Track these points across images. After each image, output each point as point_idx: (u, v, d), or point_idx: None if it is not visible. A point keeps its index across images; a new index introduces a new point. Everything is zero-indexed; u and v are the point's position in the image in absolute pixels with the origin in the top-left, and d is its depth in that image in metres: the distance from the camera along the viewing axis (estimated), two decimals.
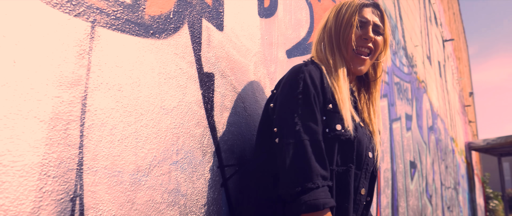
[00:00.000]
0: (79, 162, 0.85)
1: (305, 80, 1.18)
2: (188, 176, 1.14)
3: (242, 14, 1.49)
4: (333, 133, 1.18)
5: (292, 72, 1.23)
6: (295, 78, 1.19)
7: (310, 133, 1.13)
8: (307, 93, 1.17)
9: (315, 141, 1.13)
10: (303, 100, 1.16)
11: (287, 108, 1.17)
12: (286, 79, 1.23)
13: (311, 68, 1.22)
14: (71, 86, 0.85)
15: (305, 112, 1.15)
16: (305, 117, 1.14)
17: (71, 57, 0.85)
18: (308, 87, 1.17)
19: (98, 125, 0.90)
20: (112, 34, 0.95)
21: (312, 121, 1.15)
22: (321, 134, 1.15)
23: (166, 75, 1.10)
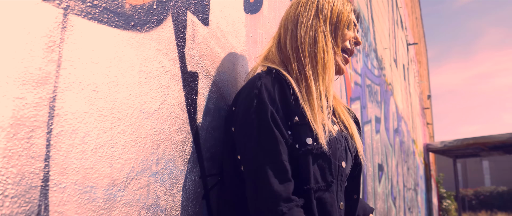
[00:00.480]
0: (44, 177, 0.70)
1: (260, 96, 1.06)
2: (168, 188, 1.01)
3: (228, 8, 1.37)
4: (304, 148, 1.07)
5: (247, 87, 1.12)
6: (249, 96, 1.08)
7: (269, 156, 1.03)
8: (263, 111, 1.05)
9: (276, 162, 1.02)
10: (258, 120, 1.05)
11: (244, 132, 1.07)
12: (241, 98, 1.12)
13: (266, 80, 1.09)
14: (37, 85, 0.70)
15: (261, 133, 1.04)
16: (262, 139, 1.04)
17: (38, 50, 0.70)
18: (263, 103, 1.06)
19: (69, 132, 0.75)
20: (87, 24, 0.81)
21: (271, 142, 1.04)
22: (283, 153, 1.04)
23: (147, 73, 0.96)
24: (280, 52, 1.22)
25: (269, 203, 0.98)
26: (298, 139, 1.08)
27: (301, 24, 1.20)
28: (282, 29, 1.25)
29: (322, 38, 1.18)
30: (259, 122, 1.04)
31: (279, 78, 1.12)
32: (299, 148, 1.07)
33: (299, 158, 1.07)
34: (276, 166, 1.02)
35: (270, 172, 1.00)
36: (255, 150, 1.03)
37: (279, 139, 1.04)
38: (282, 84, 1.11)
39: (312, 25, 1.20)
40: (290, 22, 1.23)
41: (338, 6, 1.24)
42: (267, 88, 1.08)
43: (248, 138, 1.05)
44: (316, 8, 1.22)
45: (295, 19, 1.23)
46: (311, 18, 1.21)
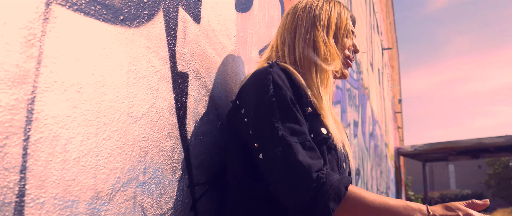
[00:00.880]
0: (19, 192, 0.60)
1: (275, 82, 1.01)
2: (156, 200, 0.92)
3: (220, 5, 1.28)
4: (320, 137, 1.04)
5: (257, 77, 1.06)
6: (263, 82, 1.02)
7: (297, 134, 0.97)
8: (281, 94, 1.00)
9: (305, 141, 0.97)
10: (278, 102, 0.99)
11: (262, 116, 0.99)
12: (251, 86, 1.06)
13: (277, 70, 1.04)
14: (14, 85, 0.60)
15: (284, 114, 0.98)
16: (286, 119, 0.98)
17: (15, 43, 0.61)
18: (280, 88, 1.00)
19: (49, 139, 0.65)
20: (72, 15, 0.71)
21: (295, 122, 0.99)
22: (308, 134, 1.00)
23: (136, 73, 0.87)
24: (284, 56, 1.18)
25: (303, 178, 0.92)
26: (312, 129, 1.04)
27: (299, 37, 1.17)
28: (279, 41, 1.21)
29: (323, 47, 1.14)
30: (280, 104, 0.99)
31: (287, 71, 1.06)
32: (315, 137, 1.03)
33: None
34: (305, 144, 0.97)
35: (300, 150, 0.95)
36: (281, 131, 0.96)
37: (301, 121, 1.00)
38: (290, 76, 1.06)
39: (310, 38, 1.15)
40: (287, 34, 1.20)
41: (336, 15, 1.20)
42: (279, 76, 1.04)
43: (268, 121, 0.98)
44: (313, 18, 1.18)
45: (292, 31, 1.20)
46: (309, 30, 1.17)
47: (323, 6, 1.21)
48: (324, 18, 1.19)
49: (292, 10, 1.25)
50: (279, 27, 1.25)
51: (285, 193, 0.93)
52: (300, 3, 1.25)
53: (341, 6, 1.25)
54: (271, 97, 0.99)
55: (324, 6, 1.21)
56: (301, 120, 1.00)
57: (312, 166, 0.93)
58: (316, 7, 1.21)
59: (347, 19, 1.24)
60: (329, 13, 1.20)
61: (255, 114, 1.01)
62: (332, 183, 0.91)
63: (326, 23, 1.19)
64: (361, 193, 0.94)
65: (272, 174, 0.95)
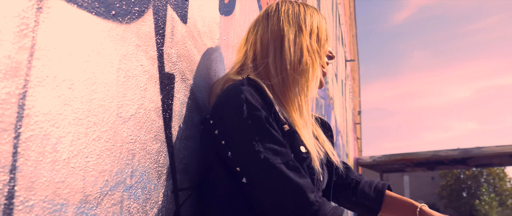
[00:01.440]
0: (8, 193, 0.55)
1: (249, 101, 0.98)
2: (142, 205, 0.88)
3: (205, 6, 1.26)
4: (300, 156, 1.02)
5: (229, 95, 1.02)
6: (236, 103, 0.98)
7: (280, 155, 0.95)
8: (256, 115, 0.97)
9: (288, 161, 0.95)
10: (254, 123, 0.96)
11: (240, 140, 0.97)
12: (224, 106, 1.02)
13: (248, 88, 1.01)
14: (5, 78, 0.56)
15: (262, 135, 0.96)
16: (266, 140, 0.96)
17: (8, 32, 0.56)
18: (254, 108, 0.98)
19: (39, 138, 0.61)
20: (65, 6, 0.67)
21: (275, 143, 0.96)
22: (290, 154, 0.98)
23: (126, 72, 0.83)
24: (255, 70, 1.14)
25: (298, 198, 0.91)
26: (292, 148, 1.02)
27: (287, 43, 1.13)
28: (258, 46, 1.16)
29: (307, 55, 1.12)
30: (256, 125, 0.96)
31: (260, 88, 1.03)
32: (295, 156, 1.01)
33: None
34: (289, 164, 0.95)
35: (286, 170, 0.93)
36: (263, 153, 0.94)
37: (281, 139, 0.98)
38: (263, 93, 1.03)
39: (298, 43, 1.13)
40: (272, 39, 1.15)
41: (316, 20, 1.20)
42: (252, 94, 1.00)
43: (249, 145, 0.95)
44: (298, 23, 1.16)
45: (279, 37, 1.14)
46: (296, 36, 1.14)
47: (305, 11, 1.20)
48: (309, 24, 1.17)
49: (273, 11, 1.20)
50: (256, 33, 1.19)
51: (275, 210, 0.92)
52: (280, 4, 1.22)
53: (318, 12, 1.24)
54: (246, 119, 0.96)
55: (306, 10, 1.20)
56: (280, 140, 0.98)
57: (305, 186, 0.92)
58: (299, 11, 1.19)
59: (326, 24, 1.24)
60: (312, 19, 1.19)
61: (233, 138, 0.98)
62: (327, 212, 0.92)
63: (311, 28, 1.17)
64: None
65: (264, 197, 0.94)
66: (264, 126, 0.97)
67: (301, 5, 1.21)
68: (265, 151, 0.94)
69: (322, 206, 0.92)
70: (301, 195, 0.91)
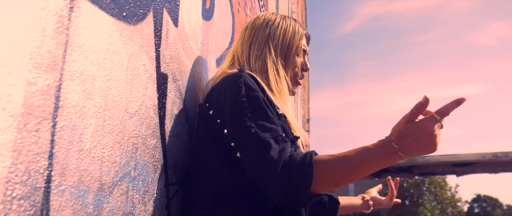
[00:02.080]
0: (47, 178, 0.60)
1: (247, 83, 1.07)
2: (141, 196, 0.93)
3: (192, 11, 1.32)
4: (291, 136, 1.11)
5: (228, 79, 1.12)
6: (235, 84, 1.08)
7: (269, 130, 1.02)
8: (253, 95, 1.06)
9: (277, 136, 1.02)
10: (249, 102, 1.05)
11: (236, 116, 1.05)
12: (223, 88, 1.11)
13: (247, 74, 1.11)
14: (47, 71, 0.60)
15: (256, 112, 1.04)
16: (258, 117, 1.03)
17: (49, 29, 0.61)
18: (252, 89, 1.07)
19: (69, 128, 0.66)
20: (90, 7, 0.72)
21: (267, 120, 1.04)
22: (280, 130, 1.04)
23: (132, 71, 0.89)
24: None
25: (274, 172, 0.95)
26: (284, 129, 1.10)
27: (253, 53, 1.25)
28: (238, 52, 1.29)
29: (272, 66, 1.21)
30: (251, 103, 1.04)
31: (255, 78, 1.13)
32: (286, 136, 1.08)
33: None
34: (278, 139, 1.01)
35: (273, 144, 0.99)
36: (254, 128, 1.01)
37: (273, 119, 1.05)
38: (258, 83, 1.12)
39: (261, 55, 1.24)
40: (245, 48, 1.28)
41: (290, 33, 1.29)
42: (250, 79, 1.10)
43: (242, 121, 1.02)
44: (267, 36, 1.26)
45: (248, 46, 1.27)
46: (262, 47, 1.25)
47: (279, 24, 1.29)
48: (278, 37, 1.27)
49: (250, 24, 1.32)
50: (239, 39, 1.31)
51: (266, 187, 0.98)
52: (258, 18, 1.32)
53: (297, 24, 1.34)
54: (242, 97, 1.05)
55: (280, 24, 1.30)
56: (272, 118, 1.05)
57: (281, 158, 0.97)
58: (272, 24, 1.28)
59: (301, 37, 1.32)
60: (284, 32, 1.28)
61: (229, 115, 1.06)
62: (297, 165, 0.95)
63: (279, 43, 1.27)
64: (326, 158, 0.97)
65: (250, 171, 1.01)
66: (259, 104, 1.04)
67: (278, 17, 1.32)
68: (256, 126, 1.01)
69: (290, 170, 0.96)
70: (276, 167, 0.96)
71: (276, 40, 1.27)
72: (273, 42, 1.26)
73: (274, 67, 1.23)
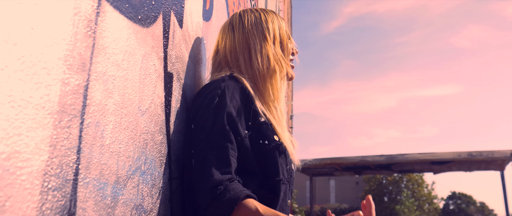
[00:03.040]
0: (75, 171, 0.65)
1: (222, 96, 1.13)
2: (150, 189, 0.98)
3: (194, 13, 1.37)
4: (273, 143, 1.17)
5: (209, 87, 1.17)
6: (211, 94, 1.13)
7: (216, 149, 1.08)
8: (221, 110, 1.11)
9: (221, 156, 1.07)
10: (215, 115, 1.10)
11: (200, 126, 1.12)
12: (203, 95, 1.17)
13: (230, 83, 1.16)
14: (78, 71, 0.65)
15: (215, 127, 1.09)
16: (214, 134, 1.09)
17: (81, 33, 0.66)
18: (223, 103, 1.12)
19: (93, 124, 0.70)
20: (113, 12, 0.77)
21: (221, 137, 1.09)
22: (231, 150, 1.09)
23: (145, 70, 0.94)
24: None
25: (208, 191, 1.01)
26: (266, 136, 1.16)
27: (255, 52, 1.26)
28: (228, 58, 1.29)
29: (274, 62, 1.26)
30: (215, 118, 1.09)
31: (242, 84, 1.18)
32: (268, 143, 1.15)
33: (268, 154, 1.16)
34: (221, 159, 1.06)
35: (214, 162, 1.05)
36: (205, 142, 1.07)
37: (230, 137, 1.09)
38: (244, 89, 1.17)
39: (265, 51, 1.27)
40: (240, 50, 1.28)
41: (278, 26, 1.33)
42: (229, 89, 1.14)
43: (202, 132, 1.09)
44: (262, 32, 1.29)
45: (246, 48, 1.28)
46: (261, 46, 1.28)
47: (267, 19, 1.33)
48: (272, 31, 1.31)
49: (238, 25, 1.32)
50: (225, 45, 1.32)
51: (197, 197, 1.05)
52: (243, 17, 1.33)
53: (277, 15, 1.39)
54: (211, 110, 1.11)
55: (268, 18, 1.34)
56: (229, 138, 1.09)
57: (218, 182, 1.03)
58: (261, 20, 1.32)
59: (286, 26, 1.38)
60: (273, 24, 1.33)
61: (197, 124, 1.13)
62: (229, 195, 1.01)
63: (274, 35, 1.31)
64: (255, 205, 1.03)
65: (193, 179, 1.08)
66: (222, 121, 1.09)
67: (261, 12, 1.35)
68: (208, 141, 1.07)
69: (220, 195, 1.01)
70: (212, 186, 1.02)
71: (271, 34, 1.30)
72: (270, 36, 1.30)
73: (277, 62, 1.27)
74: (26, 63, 0.53)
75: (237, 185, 1.04)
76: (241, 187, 1.04)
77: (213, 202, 1.00)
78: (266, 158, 1.16)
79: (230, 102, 1.12)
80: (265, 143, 1.16)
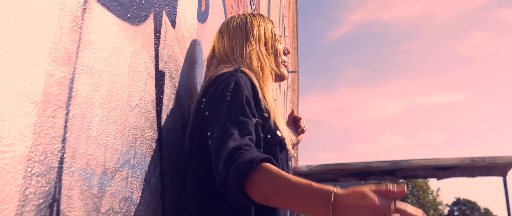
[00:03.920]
0: (60, 159, 0.68)
1: (237, 81, 1.15)
2: (140, 183, 1.01)
3: (188, 14, 1.40)
4: (276, 138, 1.19)
5: (222, 76, 1.20)
6: (226, 81, 1.16)
7: (238, 124, 1.06)
8: (238, 91, 1.13)
9: (244, 130, 1.06)
10: (232, 97, 1.12)
11: (216, 108, 1.12)
12: (216, 84, 1.19)
13: (241, 75, 1.20)
14: (63, 64, 0.68)
15: (233, 106, 1.10)
16: (233, 111, 1.09)
17: (66, 28, 0.69)
18: (239, 86, 1.14)
19: (80, 116, 0.73)
20: (100, 9, 0.80)
21: (241, 114, 1.09)
22: (251, 126, 1.09)
23: (134, 67, 0.97)
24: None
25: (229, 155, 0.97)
26: (269, 131, 1.18)
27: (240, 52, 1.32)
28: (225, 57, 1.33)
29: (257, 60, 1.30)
30: (232, 99, 1.11)
31: (249, 78, 1.21)
32: (271, 138, 1.16)
33: (271, 148, 1.18)
34: (242, 131, 1.04)
35: (236, 134, 1.02)
36: (224, 119, 1.07)
37: (249, 115, 1.10)
38: (252, 83, 1.20)
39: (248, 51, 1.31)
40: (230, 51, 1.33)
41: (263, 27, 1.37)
42: (243, 78, 1.17)
43: (219, 113, 1.09)
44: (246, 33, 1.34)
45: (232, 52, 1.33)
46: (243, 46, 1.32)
47: (252, 22, 1.38)
48: (256, 31, 1.35)
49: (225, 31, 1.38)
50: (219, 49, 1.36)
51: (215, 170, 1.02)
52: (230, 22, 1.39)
53: (265, 18, 1.43)
54: (227, 92, 1.12)
55: (253, 21, 1.38)
56: (248, 113, 1.10)
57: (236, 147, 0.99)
58: (246, 23, 1.37)
59: (272, 27, 1.42)
60: (259, 26, 1.37)
61: (213, 107, 1.13)
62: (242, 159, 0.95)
63: (258, 36, 1.35)
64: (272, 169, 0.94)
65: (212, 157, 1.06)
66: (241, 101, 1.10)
67: (248, 16, 1.39)
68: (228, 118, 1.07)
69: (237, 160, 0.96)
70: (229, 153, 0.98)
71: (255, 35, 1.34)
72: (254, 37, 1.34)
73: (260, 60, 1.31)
74: (9, 53, 0.56)
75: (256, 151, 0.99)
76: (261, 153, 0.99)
77: (233, 164, 0.95)
78: (269, 153, 1.17)
79: (245, 89, 1.14)
80: (268, 138, 1.18)
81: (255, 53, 1.31)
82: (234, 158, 0.96)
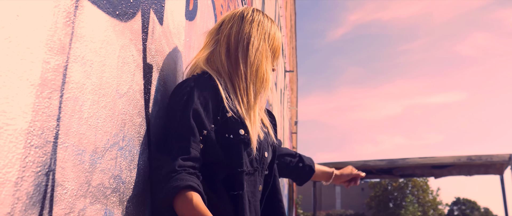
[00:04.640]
0: (55, 135, 0.79)
1: (191, 93, 1.27)
2: (128, 164, 1.12)
3: (175, 12, 1.51)
4: (237, 137, 1.30)
5: (182, 84, 1.32)
6: (182, 91, 1.28)
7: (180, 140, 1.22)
8: (188, 106, 1.25)
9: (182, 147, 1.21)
10: (182, 113, 1.24)
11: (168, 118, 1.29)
12: (174, 94, 1.31)
13: (202, 81, 1.31)
14: (58, 54, 0.79)
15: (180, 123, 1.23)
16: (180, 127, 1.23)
17: (60, 22, 0.80)
18: (191, 100, 1.25)
19: (72, 99, 0.85)
20: (90, 6, 0.91)
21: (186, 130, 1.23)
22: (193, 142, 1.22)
23: (123, 59, 1.08)
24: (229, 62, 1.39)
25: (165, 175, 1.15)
26: (232, 130, 1.30)
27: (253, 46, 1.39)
28: (231, 40, 1.40)
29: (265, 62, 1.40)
30: (182, 114, 1.24)
31: (213, 83, 1.32)
32: (234, 137, 1.28)
33: (233, 146, 1.30)
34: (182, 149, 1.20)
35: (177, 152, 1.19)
36: (171, 134, 1.23)
37: (194, 131, 1.23)
38: (215, 86, 1.31)
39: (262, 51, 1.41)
40: (241, 39, 1.39)
41: (278, 36, 1.48)
42: (199, 87, 1.29)
43: (171, 124, 1.26)
44: (265, 33, 1.43)
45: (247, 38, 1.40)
46: (260, 43, 1.41)
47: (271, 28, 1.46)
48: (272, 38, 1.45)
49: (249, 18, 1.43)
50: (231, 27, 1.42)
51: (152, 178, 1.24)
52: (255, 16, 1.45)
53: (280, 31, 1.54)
54: (179, 106, 1.25)
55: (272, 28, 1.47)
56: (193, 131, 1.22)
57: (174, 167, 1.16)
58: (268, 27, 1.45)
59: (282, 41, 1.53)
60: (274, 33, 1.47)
61: (166, 115, 1.31)
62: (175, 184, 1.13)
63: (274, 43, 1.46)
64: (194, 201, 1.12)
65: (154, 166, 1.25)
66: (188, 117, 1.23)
67: (270, 20, 1.49)
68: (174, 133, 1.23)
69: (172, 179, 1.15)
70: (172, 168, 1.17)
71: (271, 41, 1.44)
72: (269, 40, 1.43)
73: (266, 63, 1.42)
74: (12, 43, 0.67)
75: (186, 176, 1.15)
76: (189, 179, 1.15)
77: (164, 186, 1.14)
78: (231, 150, 1.29)
79: (198, 99, 1.26)
80: (230, 137, 1.29)
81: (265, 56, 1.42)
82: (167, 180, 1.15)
